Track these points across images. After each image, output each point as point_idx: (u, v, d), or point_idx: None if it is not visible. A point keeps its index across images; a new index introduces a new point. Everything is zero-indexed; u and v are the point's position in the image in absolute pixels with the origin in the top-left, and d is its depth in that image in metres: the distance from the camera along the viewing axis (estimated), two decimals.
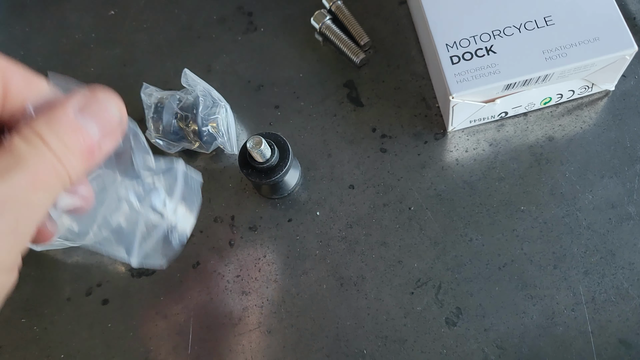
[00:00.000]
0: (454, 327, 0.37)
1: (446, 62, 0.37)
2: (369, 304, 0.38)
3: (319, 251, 0.40)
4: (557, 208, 0.38)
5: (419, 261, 0.39)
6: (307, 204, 0.42)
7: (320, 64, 0.46)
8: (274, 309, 0.39)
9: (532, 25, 0.37)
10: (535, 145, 0.40)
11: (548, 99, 0.40)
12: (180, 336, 0.40)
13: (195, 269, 0.41)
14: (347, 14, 0.46)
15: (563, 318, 0.36)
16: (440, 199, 0.40)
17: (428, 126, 0.42)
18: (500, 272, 0.37)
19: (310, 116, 0.44)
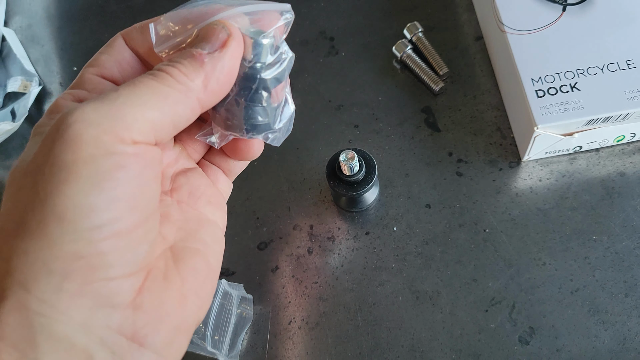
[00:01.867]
0: (527, 345, 0.38)
1: (532, 95, 0.40)
2: (444, 318, 0.40)
3: (395, 264, 0.42)
4: (628, 240, 0.40)
5: (493, 281, 0.41)
6: (385, 219, 0.44)
7: (399, 90, 0.49)
8: (351, 316, 0.41)
9: (614, 67, 0.40)
10: (607, 179, 0.42)
11: (621, 137, 0.42)
12: (257, 335, 0.41)
13: (274, 273, 0.43)
14: (428, 45, 0.49)
15: (635, 344, 0.37)
16: (515, 223, 0.42)
17: (503, 154, 0.45)
18: (572, 296, 0.39)
19: (389, 137, 0.47)
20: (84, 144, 0.19)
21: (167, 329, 0.21)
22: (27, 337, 0.18)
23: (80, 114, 0.19)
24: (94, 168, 0.19)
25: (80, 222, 0.19)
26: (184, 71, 0.21)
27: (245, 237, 0.45)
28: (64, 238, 0.18)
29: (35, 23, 0.60)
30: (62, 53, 0.58)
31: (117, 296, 0.20)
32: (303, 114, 0.49)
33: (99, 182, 0.19)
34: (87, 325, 0.19)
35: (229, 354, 0.39)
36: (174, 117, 0.21)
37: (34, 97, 0.54)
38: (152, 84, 0.21)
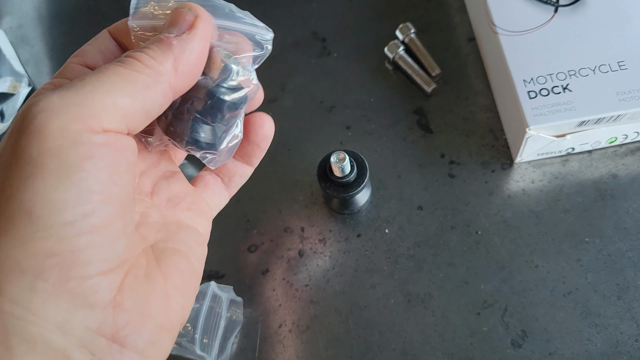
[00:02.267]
0: (519, 348, 0.38)
1: (523, 96, 0.40)
2: (436, 321, 0.40)
3: (387, 267, 0.42)
4: (620, 242, 0.40)
5: (485, 283, 0.40)
6: (376, 221, 0.44)
7: (391, 91, 0.49)
8: (342, 319, 0.41)
9: (606, 68, 0.40)
10: (600, 181, 0.42)
11: (614, 139, 0.42)
12: (247, 339, 0.41)
13: (264, 275, 0.43)
14: (420, 46, 0.49)
15: (627, 347, 0.37)
16: (507, 225, 0.42)
17: (495, 156, 0.44)
18: (565, 299, 0.39)
19: (381, 138, 0.47)
20: (49, 135, 0.18)
21: (150, 328, 0.20)
22: (2, 340, 0.17)
23: (46, 103, 0.18)
24: (61, 160, 0.18)
25: (50, 218, 0.18)
26: (152, 55, 0.21)
27: (236, 240, 0.44)
28: (35, 235, 0.18)
29: (26, 23, 0.60)
30: (52, 54, 0.57)
31: (95, 295, 0.19)
32: (294, 115, 0.49)
33: (67, 174, 0.18)
34: (64, 326, 0.18)
35: (219, 357, 0.39)
36: (145, 103, 0.20)
37: (24, 98, 0.54)
38: (119, 70, 0.20)
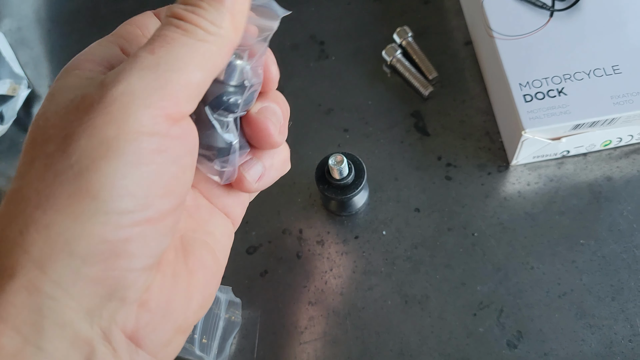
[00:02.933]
0: (515, 349, 0.39)
1: (519, 99, 0.40)
2: (433, 322, 0.40)
3: (384, 268, 0.42)
4: (615, 244, 0.41)
5: (481, 285, 0.41)
6: (374, 223, 0.44)
7: (388, 94, 0.49)
8: (340, 320, 0.41)
9: (600, 72, 0.40)
10: (595, 184, 0.43)
11: (608, 142, 0.43)
12: (246, 340, 0.41)
13: (263, 277, 0.43)
14: (417, 49, 0.49)
15: (621, 348, 0.38)
16: (503, 227, 0.42)
17: (491, 159, 0.45)
18: (560, 300, 0.39)
19: (378, 141, 0.47)
20: (129, 120, 0.17)
21: (168, 330, 0.20)
22: (33, 321, 0.17)
23: (126, 85, 0.18)
24: (136, 147, 0.17)
25: (112, 204, 0.17)
26: (210, 18, 0.19)
27: (234, 241, 0.45)
28: (93, 219, 0.17)
29: (25, 26, 0.60)
30: (51, 56, 0.58)
31: (130, 290, 0.18)
32: (292, 117, 0.49)
33: (139, 163, 0.18)
34: (93, 315, 0.18)
35: (217, 358, 0.39)
36: (213, 73, 0.19)
37: (23, 100, 0.54)
38: (186, 41, 0.19)
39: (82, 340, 0.18)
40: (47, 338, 0.17)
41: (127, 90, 0.18)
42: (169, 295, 0.20)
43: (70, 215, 0.17)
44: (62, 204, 0.17)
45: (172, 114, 0.18)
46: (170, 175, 0.19)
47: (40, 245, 0.17)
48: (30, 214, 0.17)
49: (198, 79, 0.19)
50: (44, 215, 0.17)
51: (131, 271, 0.18)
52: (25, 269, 0.17)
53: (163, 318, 0.20)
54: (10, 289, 0.17)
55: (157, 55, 0.18)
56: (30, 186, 0.18)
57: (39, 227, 0.17)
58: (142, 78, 0.18)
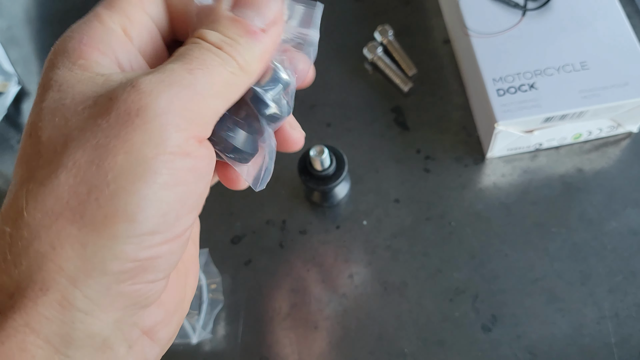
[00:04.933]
0: (489, 332, 0.40)
1: (493, 93, 0.42)
2: (411, 308, 0.42)
3: (364, 257, 0.44)
4: (584, 232, 0.42)
5: (457, 272, 0.42)
6: (355, 214, 0.45)
7: (370, 90, 0.51)
8: (321, 307, 0.42)
9: (569, 68, 0.42)
10: (566, 175, 0.45)
11: (579, 135, 0.44)
12: (231, 326, 0.42)
13: (247, 266, 0.45)
14: (398, 47, 0.51)
15: (589, 330, 0.39)
16: (479, 217, 0.44)
17: (468, 152, 0.47)
18: (532, 286, 0.41)
19: (360, 135, 0.49)
20: (167, 140, 0.17)
21: (176, 323, 0.21)
22: (63, 333, 0.17)
23: (166, 103, 0.18)
24: (171, 168, 0.18)
25: (147, 225, 0.17)
26: (244, 55, 0.19)
27: (219, 232, 0.46)
28: (129, 240, 0.17)
29: (15, 25, 0.61)
30: (41, 54, 0.59)
31: (151, 297, 0.19)
32: None
33: (173, 184, 0.18)
34: (119, 323, 0.18)
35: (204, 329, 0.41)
36: (230, 103, 0.20)
37: (13, 96, 0.55)
38: (222, 71, 0.19)
39: (106, 346, 0.18)
40: (76, 347, 0.17)
41: (166, 109, 0.18)
42: (177, 291, 0.21)
43: (106, 236, 0.17)
44: (99, 223, 0.17)
45: (201, 136, 0.19)
46: (198, 194, 0.19)
47: (76, 262, 0.17)
48: (63, 229, 0.17)
49: (222, 108, 0.19)
50: (79, 232, 0.17)
51: (154, 282, 0.19)
52: (60, 284, 0.17)
53: (172, 313, 0.21)
54: (43, 303, 0.17)
55: (195, 76, 0.18)
56: (59, 197, 0.17)
57: (75, 245, 0.17)
58: (180, 98, 0.18)
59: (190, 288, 0.23)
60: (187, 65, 0.19)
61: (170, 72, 0.19)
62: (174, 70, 0.19)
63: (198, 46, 0.19)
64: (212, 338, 0.42)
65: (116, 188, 0.17)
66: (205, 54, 0.19)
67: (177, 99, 0.18)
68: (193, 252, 0.24)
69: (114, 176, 0.17)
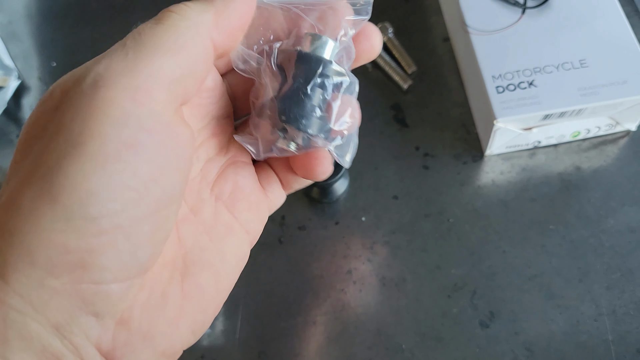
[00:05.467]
0: (487, 328, 0.40)
1: (492, 91, 0.42)
2: (409, 304, 0.42)
3: (363, 253, 0.44)
4: (582, 229, 0.43)
5: (456, 268, 0.42)
6: (354, 210, 0.46)
7: (369, 87, 0.51)
8: (319, 302, 0.42)
9: (568, 66, 0.42)
10: (564, 173, 0.45)
11: (577, 133, 0.45)
12: (229, 321, 0.42)
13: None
14: (397, 45, 0.51)
15: (587, 327, 0.39)
16: (477, 214, 0.44)
17: (467, 149, 0.47)
18: (530, 282, 0.41)
19: (359, 132, 0.48)
20: (94, 113, 0.16)
21: (149, 354, 0.18)
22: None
23: (94, 75, 0.16)
24: (100, 143, 0.16)
25: (74, 210, 0.15)
26: (191, 6, 0.18)
27: None
28: (54, 225, 0.15)
29: (16, 20, 0.61)
30: (41, 49, 0.59)
31: (103, 304, 0.17)
32: None
33: (105, 162, 0.16)
34: (64, 330, 0.16)
35: None
36: (189, 62, 0.18)
37: (13, 91, 0.55)
38: (157, 28, 0.18)
39: (50, 354, 0.16)
40: (12, 349, 0.16)
41: (94, 82, 0.16)
42: (154, 318, 0.18)
43: (32, 221, 0.15)
44: (25, 208, 0.15)
45: (143, 102, 0.16)
46: (145, 176, 0.16)
47: (3, 253, 0.16)
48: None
49: (170, 66, 0.17)
50: (10, 219, 0.16)
51: (102, 284, 0.16)
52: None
53: (144, 341, 0.18)
54: None
55: (127, 45, 0.17)
56: (7, 183, 0.16)
57: (4, 234, 0.16)
58: (108, 67, 0.16)
59: (198, 324, 0.20)
60: (121, 41, 0.18)
61: (106, 52, 0.18)
62: (110, 49, 0.18)
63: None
64: (210, 333, 0.42)
65: (45, 170, 0.16)
66: (145, 24, 0.18)
67: (104, 70, 0.17)
68: (208, 286, 0.20)
69: (45, 159, 0.16)
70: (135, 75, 0.16)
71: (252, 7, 0.20)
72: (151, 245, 0.17)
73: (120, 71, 0.16)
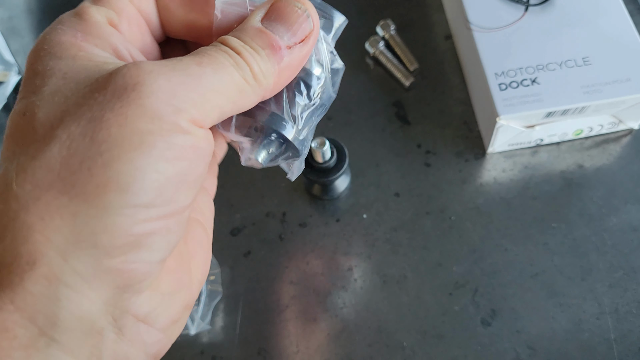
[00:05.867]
0: (488, 326, 0.40)
1: (495, 88, 0.42)
2: (410, 301, 0.41)
3: (364, 250, 0.44)
4: (585, 227, 0.42)
5: (457, 265, 0.42)
6: (355, 207, 0.45)
7: (371, 84, 0.51)
8: (320, 299, 0.42)
9: (572, 63, 0.42)
10: (567, 171, 0.45)
11: (580, 131, 0.44)
12: (229, 317, 0.42)
13: (246, 257, 0.44)
14: (399, 42, 0.51)
15: (589, 325, 0.39)
16: (479, 211, 0.44)
17: (469, 147, 0.47)
18: (532, 280, 0.41)
19: (361, 129, 0.48)
20: (163, 117, 0.17)
21: (177, 308, 0.20)
22: (49, 312, 0.16)
23: (166, 84, 0.18)
24: (169, 142, 0.17)
25: (142, 197, 0.17)
26: (262, 67, 0.19)
27: (219, 223, 0.46)
28: (120, 211, 0.17)
29: (16, 15, 0.61)
30: None
31: (145, 280, 0.18)
32: None
33: (172, 158, 0.17)
34: (108, 306, 0.18)
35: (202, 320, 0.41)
36: (238, 109, 0.20)
37: (13, 86, 0.55)
38: (233, 73, 0.19)
39: (95, 331, 0.17)
40: (62, 330, 0.16)
41: (164, 88, 0.17)
42: (177, 277, 0.20)
43: (98, 206, 0.16)
44: (90, 193, 0.16)
45: (197, 121, 0.18)
46: (198, 173, 0.19)
47: (65, 234, 0.16)
48: (53, 200, 0.16)
49: (226, 111, 0.19)
50: (70, 203, 0.16)
51: (150, 264, 0.18)
52: (47, 257, 0.16)
53: (172, 299, 0.20)
54: (30, 278, 0.16)
55: (203, 69, 0.18)
56: (50, 169, 0.17)
57: (64, 215, 0.16)
58: (184, 84, 0.18)
59: (198, 275, 0.22)
60: (197, 58, 0.19)
61: (177, 61, 0.19)
62: (182, 60, 0.19)
63: (215, 47, 0.19)
64: (211, 329, 0.42)
65: (109, 158, 0.17)
66: (221, 55, 0.19)
67: (177, 82, 0.18)
68: (201, 238, 0.23)
69: (107, 147, 0.17)
70: (202, 108, 0.18)
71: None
72: (186, 225, 0.20)
73: (191, 96, 0.18)
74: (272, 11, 0.20)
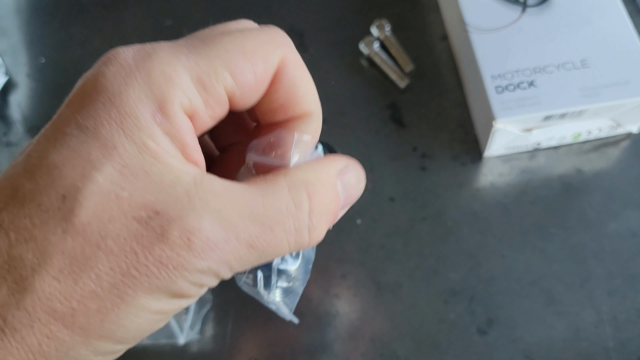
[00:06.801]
0: (485, 335, 0.39)
1: (491, 91, 0.41)
2: (405, 309, 0.41)
3: (358, 257, 0.43)
4: (583, 233, 0.42)
5: (453, 272, 0.41)
6: (349, 212, 0.44)
7: (365, 86, 0.50)
8: (313, 307, 0.41)
9: (570, 66, 0.41)
10: (565, 175, 0.44)
11: (578, 134, 0.44)
12: (220, 326, 0.41)
13: None
14: (395, 43, 0.50)
15: (587, 334, 0.38)
16: (476, 217, 0.43)
17: (465, 150, 0.46)
18: (529, 288, 0.40)
19: (355, 132, 0.47)
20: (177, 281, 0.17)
21: None
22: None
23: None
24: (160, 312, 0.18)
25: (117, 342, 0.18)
26: (315, 222, 0.19)
27: None
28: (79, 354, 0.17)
29: (4, 15, 0.60)
30: (30, 45, 0.57)
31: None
32: None
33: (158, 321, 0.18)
34: None
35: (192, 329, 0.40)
36: (264, 261, 0.19)
37: (0, 87, 0.54)
38: (290, 238, 0.19)
39: None
40: None
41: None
42: None
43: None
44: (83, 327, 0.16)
45: (221, 275, 0.18)
46: None
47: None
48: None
49: (253, 261, 0.19)
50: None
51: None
52: None
53: None
54: None
55: (256, 248, 0.18)
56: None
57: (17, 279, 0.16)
58: (223, 250, 0.18)
59: None
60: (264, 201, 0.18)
61: (239, 213, 0.18)
62: (242, 211, 0.18)
63: (294, 191, 0.19)
64: (200, 338, 0.41)
65: (98, 307, 0.16)
66: (288, 217, 0.19)
67: (217, 241, 0.17)
68: None
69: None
70: (231, 256, 0.18)
71: None
72: None
73: (220, 251, 0.18)
74: (345, 171, 0.20)
